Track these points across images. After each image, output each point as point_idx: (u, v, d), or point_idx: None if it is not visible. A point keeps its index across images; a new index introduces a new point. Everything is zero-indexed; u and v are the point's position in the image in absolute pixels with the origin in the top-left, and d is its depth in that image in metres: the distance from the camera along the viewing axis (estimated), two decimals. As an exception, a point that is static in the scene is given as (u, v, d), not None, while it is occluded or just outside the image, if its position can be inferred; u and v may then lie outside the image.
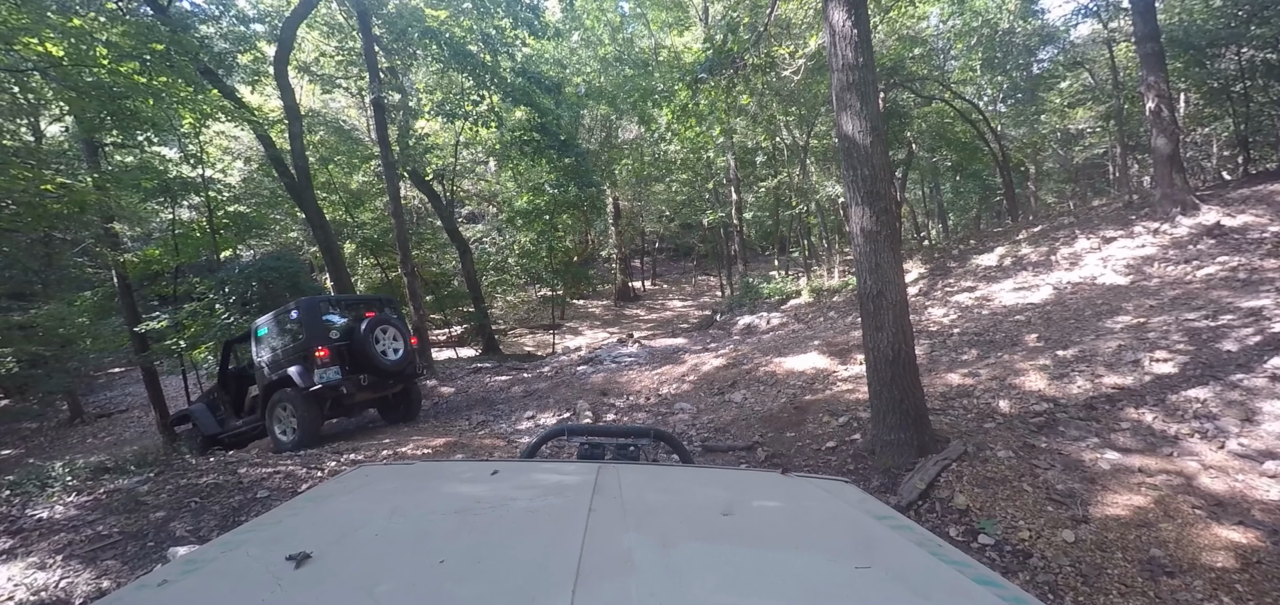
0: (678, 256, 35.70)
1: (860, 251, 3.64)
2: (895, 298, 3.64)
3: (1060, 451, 3.97)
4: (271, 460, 5.15)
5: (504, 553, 0.81)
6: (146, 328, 13.09)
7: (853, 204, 3.61)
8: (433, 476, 1.27)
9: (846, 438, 4.56)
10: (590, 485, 1.07)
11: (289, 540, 0.84)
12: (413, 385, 7.41)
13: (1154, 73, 9.26)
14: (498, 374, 9.86)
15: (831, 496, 1.12)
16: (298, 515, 1.00)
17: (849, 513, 1.02)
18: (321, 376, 6.12)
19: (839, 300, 11.45)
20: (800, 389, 6.10)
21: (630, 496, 1.03)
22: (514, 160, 17.19)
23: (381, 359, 6.53)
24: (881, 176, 3.55)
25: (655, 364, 8.74)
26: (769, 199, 16.33)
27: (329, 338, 6.43)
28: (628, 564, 0.75)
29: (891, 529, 0.94)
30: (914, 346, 3.82)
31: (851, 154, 3.57)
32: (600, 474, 1.16)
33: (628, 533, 0.86)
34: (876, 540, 0.89)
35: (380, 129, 9.45)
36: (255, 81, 15.42)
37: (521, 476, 1.18)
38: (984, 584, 0.74)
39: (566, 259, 21.78)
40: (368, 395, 6.79)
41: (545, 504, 1.02)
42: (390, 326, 6.80)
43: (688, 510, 1.01)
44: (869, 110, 3.51)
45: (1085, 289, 7.81)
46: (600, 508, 0.95)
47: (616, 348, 11.27)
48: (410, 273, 9.45)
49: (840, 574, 0.77)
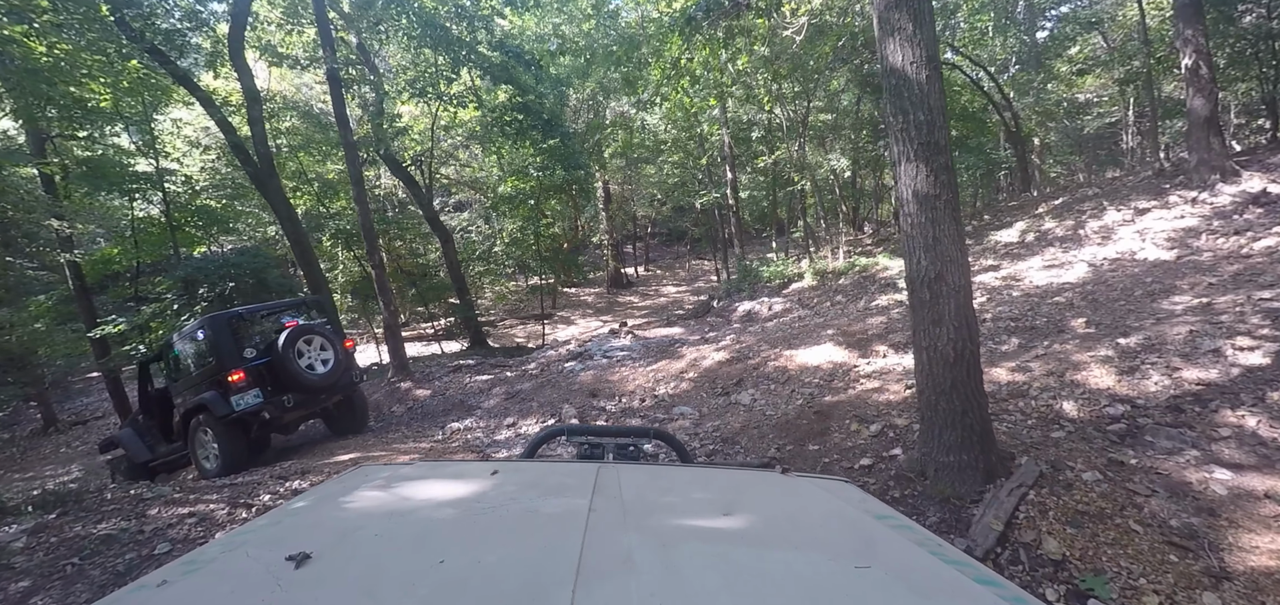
0: (671, 241, 35.00)
1: (912, 222, 2.81)
2: (958, 282, 2.81)
3: (1157, 470, 3.19)
4: (193, 495, 4.29)
5: (504, 553, 0.80)
6: (101, 332, 12.13)
7: (902, 160, 2.77)
8: (433, 476, 1.27)
9: (883, 452, 3.76)
10: (590, 485, 1.07)
11: (289, 540, 0.84)
12: (355, 393, 6.77)
13: (1191, 26, 8.43)
14: (479, 372, 9.01)
15: (831, 496, 1.11)
16: (298, 515, 1.00)
17: (849, 512, 1.01)
18: (240, 402, 5.48)
19: (845, 283, 10.65)
20: (818, 388, 5.29)
21: (630, 496, 1.03)
22: (496, 142, 16.25)
23: (307, 375, 5.86)
24: (939, 123, 2.71)
25: (650, 358, 7.91)
26: (767, 177, 15.44)
27: (243, 359, 5.74)
28: (628, 564, 0.75)
29: (891, 529, 0.93)
30: (979, 344, 3.00)
31: (900, 93, 2.72)
32: (600, 474, 1.15)
33: (628, 533, 0.86)
34: (876, 540, 0.88)
35: (337, 105, 8.50)
36: (214, 65, 14.36)
37: (521, 476, 1.17)
38: (984, 584, 0.74)
39: (555, 246, 20.94)
40: (299, 413, 6.19)
41: (545, 504, 1.01)
42: (315, 336, 6.09)
43: (688, 510, 1.01)
44: (924, 34, 2.66)
45: (1126, 265, 7.03)
46: (600, 508, 0.95)
47: (608, 340, 10.44)
48: (378, 265, 8.55)
49: (840, 574, 0.76)
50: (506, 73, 14.02)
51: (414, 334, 20.41)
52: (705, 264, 28.47)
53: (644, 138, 21.84)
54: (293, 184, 16.17)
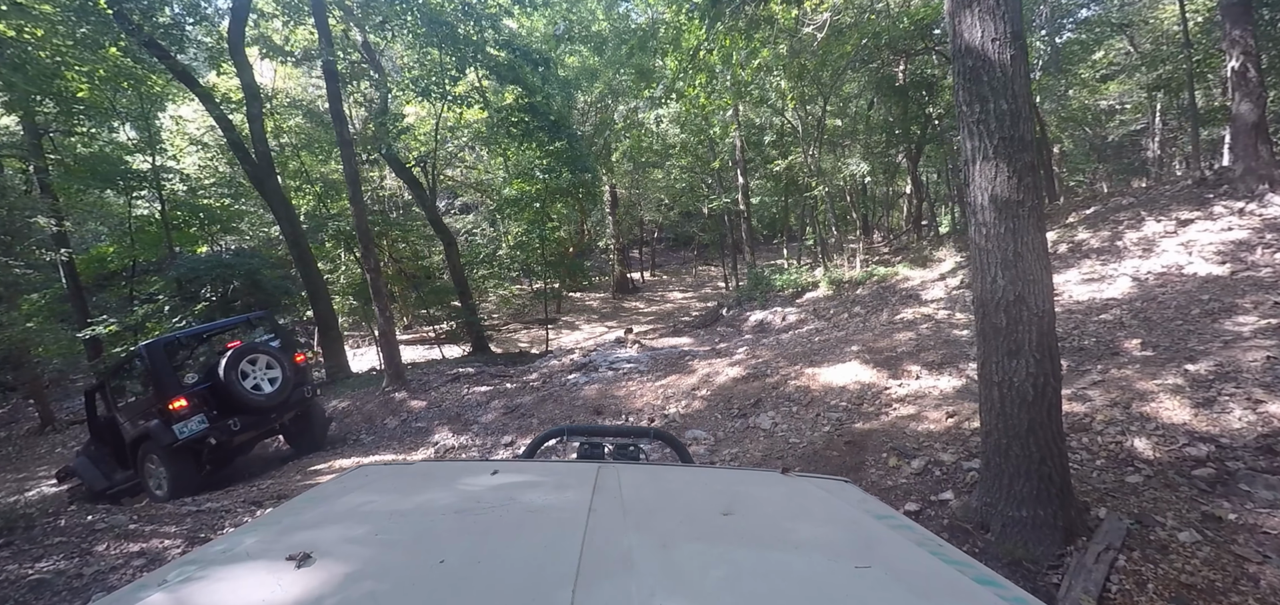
0: (677, 246, 34.62)
1: (987, 233, 2.34)
2: (1041, 306, 2.34)
3: (1262, 528, 2.70)
4: (150, 527, 3.86)
5: (504, 553, 0.80)
6: (91, 333, 11.78)
7: (977, 158, 2.31)
8: (433, 476, 1.27)
9: (931, 495, 3.28)
10: (590, 485, 1.06)
11: (289, 540, 0.84)
12: (311, 408, 6.62)
13: (1239, 26, 7.92)
14: (478, 383, 8.57)
15: (831, 496, 1.10)
16: (298, 515, 1.00)
17: (849, 512, 1.01)
18: (183, 429, 5.37)
19: (863, 293, 10.16)
20: (846, 412, 4.81)
21: (630, 496, 1.02)
22: (502, 144, 15.87)
23: (252, 396, 5.73)
24: (1024, 114, 2.25)
25: (659, 372, 7.45)
26: (780, 182, 14.96)
27: (184, 385, 5.64)
28: (628, 564, 0.75)
29: (891, 529, 0.92)
30: (1061, 380, 2.53)
31: (977, 77, 2.26)
32: (600, 474, 1.15)
33: (628, 533, 0.85)
34: (876, 540, 0.88)
35: (333, 100, 8.10)
36: (218, 63, 14.05)
37: (521, 476, 1.17)
38: (984, 584, 0.74)
39: (561, 251, 20.54)
40: (250, 436, 6.12)
41: (545, 504, 1.01)
42: (260, 355, 5.94)
43: (688, 510, 1.00)
44: (1009, 5, 2.20)
45: (1174, 280, 6.52)
46: (600, 508, 0.95)
47: (613, 349, 9.98)
48: (374, 268, 8.13)
49: (840, 574, 0.76)
50: (514, 72, 13.65)
51: (417, 337, 20.05)
52: (712, 270, 28.02)
53: (652, 140, 21.46)
54: (295, 184, 15.84)
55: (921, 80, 12.06)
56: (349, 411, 8.32)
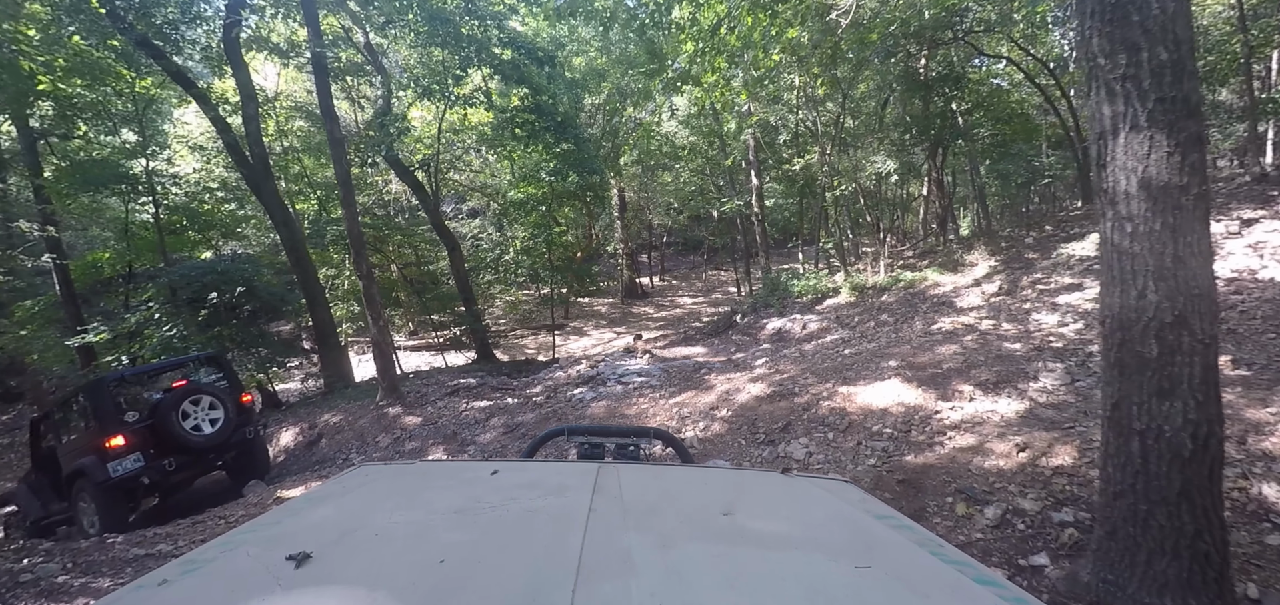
0: (686, 250, 34.07)
1: (1134, 229, 1.73)
2: (1206, 331, 1.73)
3: None
4: (86, 575, 3.32)
5: (504, 553, 0.80)
6: (80, 341, 11.37)
7: (1122, 129, 1.70)
8: (433, 476, 1.26)
9: (1018, 557, 2.66)
10: (590, 485, 1.05)
11: (289, 540, 0.83)
12: (253, 446, 6.65)
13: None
14: (478, 397, 8.01)
15: (831, 496, 1.10)
16: (298, 515, 1.00)
17: (849, 512, 1.01)
18: (118, 467, 5.39)
19: (889, 300, 9.51)
20: (892, 440, 4.19)
21: (630, 496, 1.01)
22: (507, 146, 15.39)
23: (192, 436, 5.80)
24: (1190, 68, 1.64)
25: (672, 387, 6.85)
26: (795, 183, 14.30)
27: (123, 422, 5.66)
28: (628, 564, 0.75)
29: (892, 529, 0.92)
30: (1223, 427, 1.90)
31: (1125, 16, 1.66)
32: (600, 474, 1.14)
33: (628, 533, 0.85)
34: (877, 540, 0.88)
35: (323, 94, 7.59)
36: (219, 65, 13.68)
37: (521, 476, 1.16)
38: (984, 584, 0.74)
39: (568, 255, 20.05)
40: (187, 475, 6.17)
41: (545, 504, 0.99)
42: (204, 396, 6.03)
43: (688, 510, 0.99)
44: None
45: (1249, 286, 5.83)
46: (600, 508, 0.94)
47: (623, 360, 9.39)
48: (366, 275, 7.60)
49: (840, 574, 0.76)
50: (519, 71, 13.16)
51: (422, 343, 19.61)
52: (723, 275, 27.41)
53: (661, 142, 20.93)
54: (297, 187, 15.44)
55: (946, 74, 11.38)
56: (340, 428, 7.79)
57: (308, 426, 8.28)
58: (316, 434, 7.99)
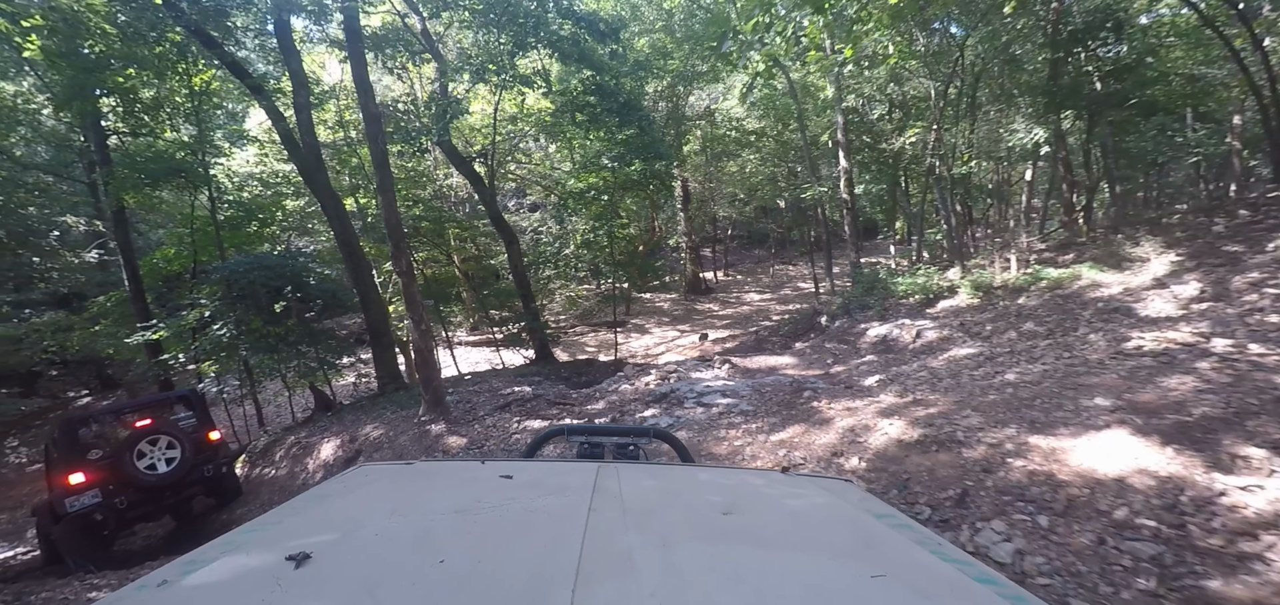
0: (751, 244, 32.34)
1: None
2: None
3: None
4: None
5: (504, 553, 0.79)
6: (141, 338, 11.24)
7: None
8: (433, 476, 1.24)
9: None
10: (590, 485, 1.03)
11: (289, 540, 0.83)
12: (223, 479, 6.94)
13: None
14: (531, 415, 6.91)
15: (832, 496, 1.08)
16: (298, 515, 0.99)
17: (849, 512, 0.99)
18: (74, 503, 5.61)
19: (1030, 303, 7.68)
20: (1160, 541, 2.65)
21: (630, 496, 0.99)
22: (567, 132, 14.38)
23: (146, 475, 6.00)
24: None
25: (771, 416, 5.44)
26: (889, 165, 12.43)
27: (85, 459, 5.88)
28: (628, 564, 0.74)
29: (892, 528, 0.91)
30: None
31: None
32: (600, 474, 1.12)
33: (628, 533, 0.84)
34: (877, 539, 0.87)
35: (356, 65, 6.63)
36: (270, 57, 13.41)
37: (521, 476, 1.14)
38: (984, 582, 0.72)
39: (630, 249, 18.90)
40: (143, 512, 6.27)
41: (545, 504, 0.98)
42: (161, 435, 6.23)
43: (688, 510, 0.99)
44: None
45: None
46: (600, 508, 0.92)
47: (698, 371, 8.06)
48: (405, 271, 6.64)
49: (841, 573, 0.75)
50: (578, 48, 12.07)
51: (483, 338, 19.10)
52: (791, 269, 25.58)
53: (727, 128, 19.42)
54: (355, 180, 15.03)
55: (1091, 24, 9.23)
56: (379, 443, 6.90)
57: (349, 439, 7.47)
58: (356, 449, 7.15)
